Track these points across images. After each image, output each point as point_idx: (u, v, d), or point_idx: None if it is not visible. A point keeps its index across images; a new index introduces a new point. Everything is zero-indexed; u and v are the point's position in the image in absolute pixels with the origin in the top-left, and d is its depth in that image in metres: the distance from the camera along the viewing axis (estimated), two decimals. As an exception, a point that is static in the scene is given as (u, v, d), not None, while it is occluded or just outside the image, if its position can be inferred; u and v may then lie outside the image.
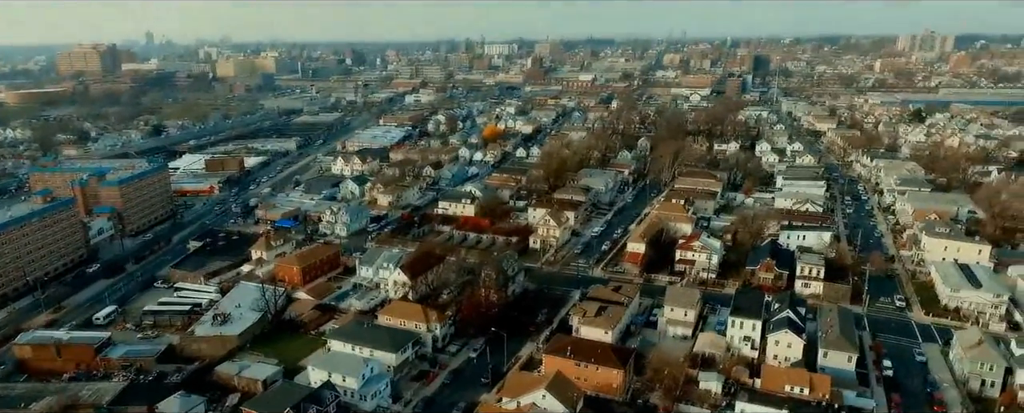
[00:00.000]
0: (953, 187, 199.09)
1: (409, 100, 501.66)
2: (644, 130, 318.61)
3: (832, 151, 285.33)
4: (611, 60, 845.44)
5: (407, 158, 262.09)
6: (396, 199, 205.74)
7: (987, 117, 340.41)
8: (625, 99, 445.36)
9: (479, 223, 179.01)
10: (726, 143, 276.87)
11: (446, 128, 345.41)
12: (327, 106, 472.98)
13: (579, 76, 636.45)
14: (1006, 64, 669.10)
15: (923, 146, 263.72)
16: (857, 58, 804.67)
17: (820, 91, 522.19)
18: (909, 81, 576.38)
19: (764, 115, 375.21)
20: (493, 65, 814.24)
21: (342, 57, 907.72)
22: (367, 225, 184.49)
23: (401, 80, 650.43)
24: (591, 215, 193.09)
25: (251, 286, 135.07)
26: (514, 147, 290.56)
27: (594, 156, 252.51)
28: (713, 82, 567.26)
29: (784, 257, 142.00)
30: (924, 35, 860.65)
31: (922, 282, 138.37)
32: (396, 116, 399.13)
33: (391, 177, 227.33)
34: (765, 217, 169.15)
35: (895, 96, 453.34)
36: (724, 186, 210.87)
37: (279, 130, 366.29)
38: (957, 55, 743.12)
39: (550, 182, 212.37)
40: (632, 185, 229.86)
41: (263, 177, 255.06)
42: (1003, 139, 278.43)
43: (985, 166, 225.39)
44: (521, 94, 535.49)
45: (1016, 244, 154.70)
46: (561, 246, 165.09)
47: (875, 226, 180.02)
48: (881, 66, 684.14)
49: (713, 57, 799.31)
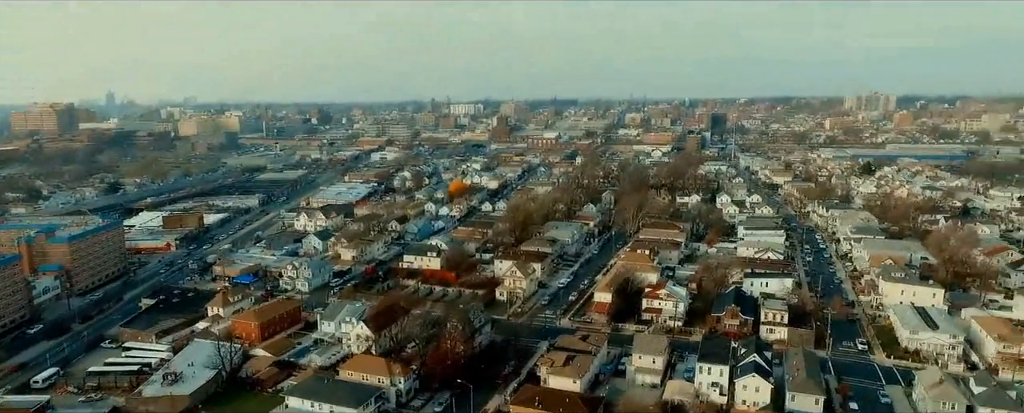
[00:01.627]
0: (904, 234, 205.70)
1: (375, 157, 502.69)
2: (608, 184, 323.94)
3: (789, 202, 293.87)
4: (575, 119, 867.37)
5: (372, 213, 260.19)
6: (360, 253, 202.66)
7: (931, 170, 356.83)
8: (589, 155, 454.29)
9: (445, 276, 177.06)
10: (688, 196, 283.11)
11: (412, 184, 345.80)
12: (291, 164, 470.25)
13: (544, 134, 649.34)
14: (944, 122, 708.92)
15: (874, 197, 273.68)
16: (808, 117, 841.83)
17: (775, 147, 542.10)
18: (857, 137, 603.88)
19: (723, 169, 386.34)
20: (459, 124, 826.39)
21: (308, 116, 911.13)
22: (330, 280, 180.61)
23: (367, 138, 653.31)
24: (557, 266, 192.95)
25: (206, 343, 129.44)
26: (480, 202, 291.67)
27: (560, 209, 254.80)
28: (673, 139, 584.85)
29: (748, 303, 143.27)
30: (869, 95, 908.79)
31: (882, 325, 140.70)
32: (361, 173, 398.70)
33: (355, 232, 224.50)
34: (728, 265, 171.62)
35: (845, 151, 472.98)
36: (687, 236, 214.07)
37: (241, 187, 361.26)
38: (900, 114, 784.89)
39: (516, 235, 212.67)
40: (598, 237, 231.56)
41: (223, 234, 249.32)
42: (947, 190, 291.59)
43: (933, 214, 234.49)
44: (487, 151, 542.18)
45: (967, 287, 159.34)
46: (528, 297, 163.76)
47: (834, 273, 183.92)
48: (831, 124, 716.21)
49: (673, 116, 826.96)
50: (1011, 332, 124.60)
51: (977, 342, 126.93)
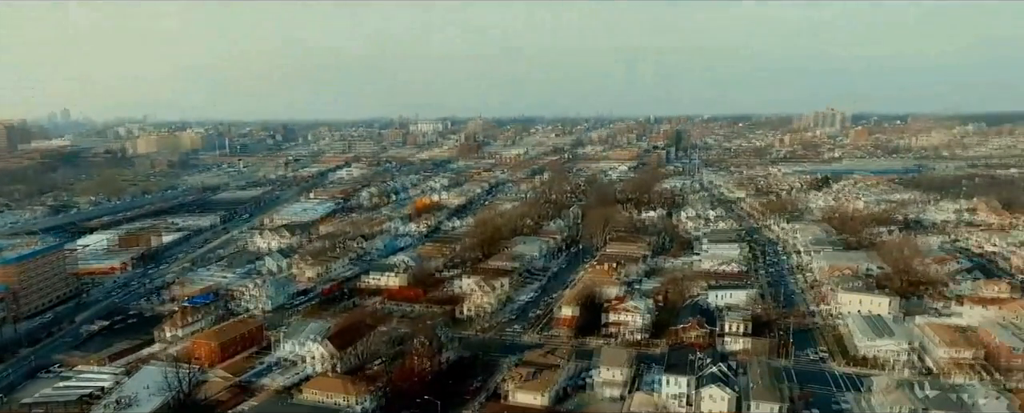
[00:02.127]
0: (859, 246, 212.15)
1: (340, 175, 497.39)
2: (574, 199, 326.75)
3: (749, 216, 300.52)
4: (541, 136, 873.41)
5: (336, 231, 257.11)
6: (323, 271, 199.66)
7: (883, 183, 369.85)
8: (555, 171, 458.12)
9: (410, 293, 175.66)
10: (652, 210, 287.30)
11: (377, 201, 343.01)
12: (254, 181, 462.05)
13: (510, 150, 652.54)
14: (895, 138, 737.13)
15: (830, 210, 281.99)
16: (767, 133, 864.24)
17: (736, 162, 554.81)
18: (814, 152, 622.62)
19: (685, 184, 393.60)
20: (425, 141, 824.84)
21: (272, 134, 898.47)
22: (292, 299, 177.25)
23: (332, 156, 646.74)
24: (524, 281, 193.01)
25: (160, 366, 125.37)
26: (446, 218, 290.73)
27: (526, 225, 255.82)
28: (637, 155, 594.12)
29: (710, 315, 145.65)
30: (825, 112, 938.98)
31: (838, 334, 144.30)
32: (326, 190, 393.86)
33: (318, 250, 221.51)
34: (691, 278, 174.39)
35: (803, 166, 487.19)
36: (651, 250, 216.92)
37: (201, 206, 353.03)
38: (855, 130, 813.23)
39: (482, 250, 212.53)
40: (564, 251, 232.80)
41: (181, 253, 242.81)
42: (898, 202, 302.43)
43: (885, 226, 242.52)
44: (453, 168, 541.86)
45: (918, 295, 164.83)
46: (494, 313, 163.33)
47: (792, 284, 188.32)
48: (789, 140, 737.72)
49: (637, 132, 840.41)
50: (959, 338, 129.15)
51: (927, 348, 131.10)
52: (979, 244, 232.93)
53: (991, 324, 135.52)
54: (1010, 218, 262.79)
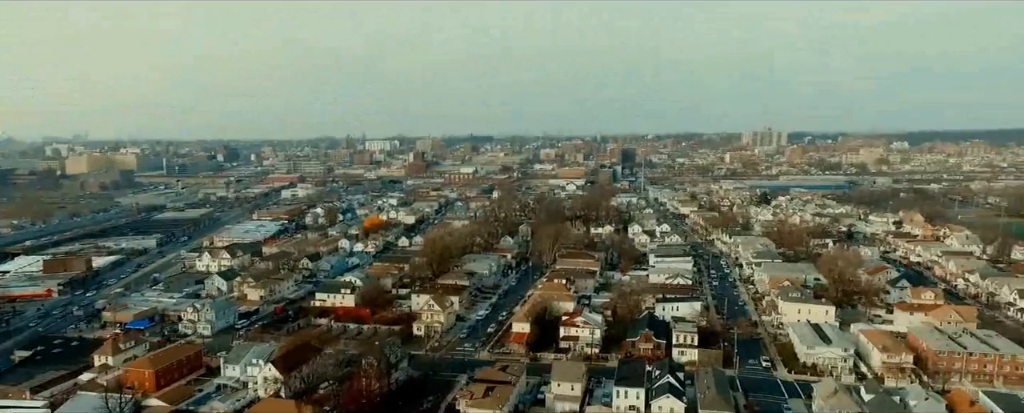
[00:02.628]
0: (799, 258, 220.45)
1: (286, 194, 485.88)
2: (525, 217, 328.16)
3: (695, 231, 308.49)
4: (491, 155, 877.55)
5: (282, 251, 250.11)
6: (269, 293, 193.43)
7: (819, 198, 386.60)
8: (506, 189, 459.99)
9: (360, 313, 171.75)
10: (601, 226, 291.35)
11: (325, 221, 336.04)
12: (194, 202, 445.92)
13: (461, 169, 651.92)
14: (829, 156, 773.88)
15: (771, 224, 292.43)
16: (710, 151, 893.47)
17: (681, 179, 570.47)
18: (755, 170, 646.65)
19: (634, 201, 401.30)
20: (375, 160, 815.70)
21: (214, 153, 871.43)
22: (235, 321, 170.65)
23: (278, 175, 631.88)
24: (476, 299, 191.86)
25: (91, 396, 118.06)
26: (397, 237, 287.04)
27: (477, 242, 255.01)
28: (587, 173, 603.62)
29: (661, 327, 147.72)
30: (763, 131, 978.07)
31: (783, 343, 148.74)
32: (271, 211, 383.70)
33: (264, 271, 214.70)
34: (641, 292, 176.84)
35: (744, 182, 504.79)
36: (602, 265, 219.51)
37: (137, 227, 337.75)
38: (791, 148, 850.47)
39: (434, 268, 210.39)
40: (516, 268, 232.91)
41: (115, 277, 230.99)
42: (834, 216, 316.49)
43: (822, 239, 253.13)
44: (404, 187, 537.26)
45: (854, 304, 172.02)
46: (446, 331, 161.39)
47: (738, 295, 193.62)
48: (730, 158, 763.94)
49: (586, 151, 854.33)
50: (893, 343, 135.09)
51: (865, 354, 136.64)
52: (907, 255, 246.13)
53: (920, 329, 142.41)
54: (934, 230, 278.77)
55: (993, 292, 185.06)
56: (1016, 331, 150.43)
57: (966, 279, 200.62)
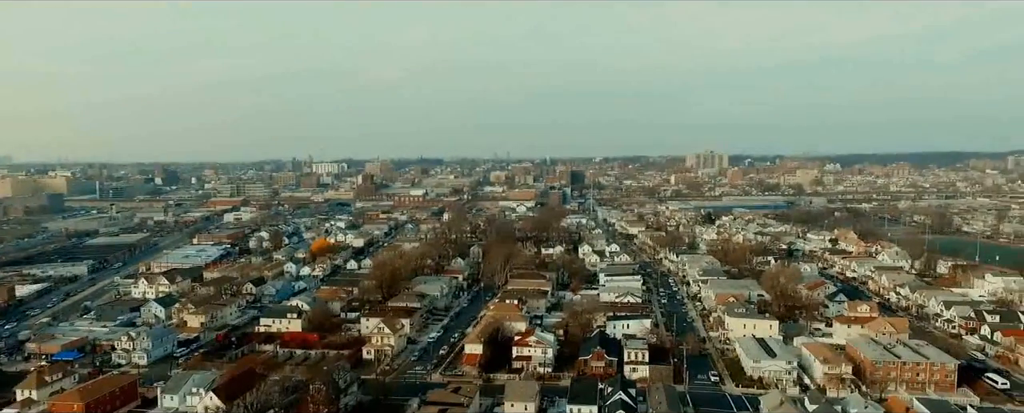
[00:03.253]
0: (743, 275, 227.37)
1: (229, 218, 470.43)
2: (476, 239, 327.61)
3: (644, 250, 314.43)
4: (441, 177, 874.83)
5: (225, 276, 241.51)
6: (210, 319, 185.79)
7: (760, 218, 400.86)
8: (456, 211, 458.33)
9: (307, 338, 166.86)
10: (552, 247, 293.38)
11: (270, 244, 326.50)
12: (130, 227, 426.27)
13: (411, 192, 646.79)
14: (767, 177, 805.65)
15: (716, 242, 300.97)
16: (656, 173, 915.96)
17: (629, 201, 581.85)
18: (699, 191, 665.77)
19: (584, 222, 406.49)
20: (322, 183, 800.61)
21: (151, 176, 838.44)
22: (174, 350, 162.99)
23: (220, 199, 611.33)
24: (427, 321, 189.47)
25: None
26: (345, 260, 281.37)
27: (428, 264, 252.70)
28: (536, 195, 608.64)
29: (612, 345, 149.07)
30: (706, 154, 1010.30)
31: (730, 357, 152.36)
32: (213, 235, 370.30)
33: (205, 296, 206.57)
34: (592, 310, 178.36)
35: (689, 203, 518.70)
36: (553, 285, 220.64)
37: (66, 254, 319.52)
38: (732, 170, 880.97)
39: (384, 291, 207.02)
40: (467, 290, 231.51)
41: (41, 306, 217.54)
42: (774, 235, 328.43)
43: (764, 256, 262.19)
44: (352, 210, 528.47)
45: (796, 318, 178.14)
46: (397, 354, 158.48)
47: (686, 312, 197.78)
48: (675, 179, 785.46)
49: (535, 174, 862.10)
50: (833, 355, 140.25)
51: (807, 366, 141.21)
52: (843, 270, 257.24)
53: (858, 341, 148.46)
54: (866, 247, 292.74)
55: (922, 304, 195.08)
56: (944, 341, 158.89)
57: (897, 292, 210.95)
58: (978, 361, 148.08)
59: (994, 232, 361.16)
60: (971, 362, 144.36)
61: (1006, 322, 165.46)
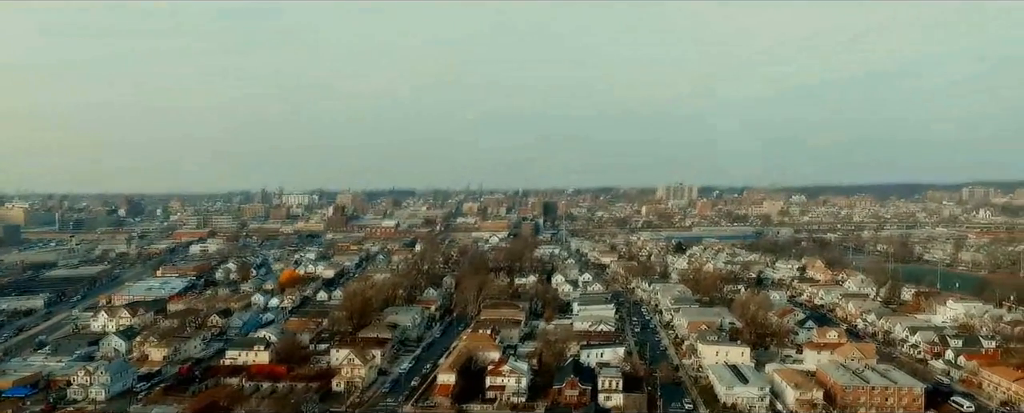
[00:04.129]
0: (714, 303, 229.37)
1: (194, 250, 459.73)
2: (448, 269, 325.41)
3: (616, 280, 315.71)
4: (414, 208, 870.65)
5: (190, 308, 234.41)
6: (173, 352, 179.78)
7: (730, 247, 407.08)
8: (429, 242, 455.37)
9: (275, 370, 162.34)
10: (525, 277, 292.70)
11: (238, 276, 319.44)
12: (91, 259, 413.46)
13: (383, 223, 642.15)
14: (736, 208, 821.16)
15: (687, 271, 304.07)
16: (627, 205, 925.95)
17: (601, 231, 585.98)
18: (669, 222, 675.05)
19: (556, 252, 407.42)
20: (292, 214, 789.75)
21: (114, 207, 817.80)
22: (134, 384, 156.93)
23: (186, 230, 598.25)
24: (399, 352, 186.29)
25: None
26: (315, 291, 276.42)
27: (400, 294, 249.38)
28: (509, 226, 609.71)
29: (586, 374, 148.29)
30: (675, 186, 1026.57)
31: (703, 384, 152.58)
32: (178, 267, 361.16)
33: (168, 329, 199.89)
34: (565, 339, 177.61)
35: (660, 233, 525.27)
36: (526, 315, 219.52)
37: (21, 286, 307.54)
38: (702, 201, 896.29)
39: (354, 322, 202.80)
40: (440, 320, 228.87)
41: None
42: (744, 263, 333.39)
43: (735, 285, 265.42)
44: (323, 241, 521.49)
45: (767, 345, 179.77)
46: (368, 386, 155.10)
47: (659, 340, 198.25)
48: (646, 210, 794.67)
49: (508, 205, 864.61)
50: (804, 381, 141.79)
51: (779, 392, 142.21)
52: (811, 298, 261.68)
53: (827, 367, 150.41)
54: (833, 275, 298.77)
55: (888, 330, 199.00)
56: (910, 365, 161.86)
57: (864, 319, 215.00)
58: (944, 385, 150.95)
59: (953, 260, 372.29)
60: (937, 386, 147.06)
61: (969, 347, 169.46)
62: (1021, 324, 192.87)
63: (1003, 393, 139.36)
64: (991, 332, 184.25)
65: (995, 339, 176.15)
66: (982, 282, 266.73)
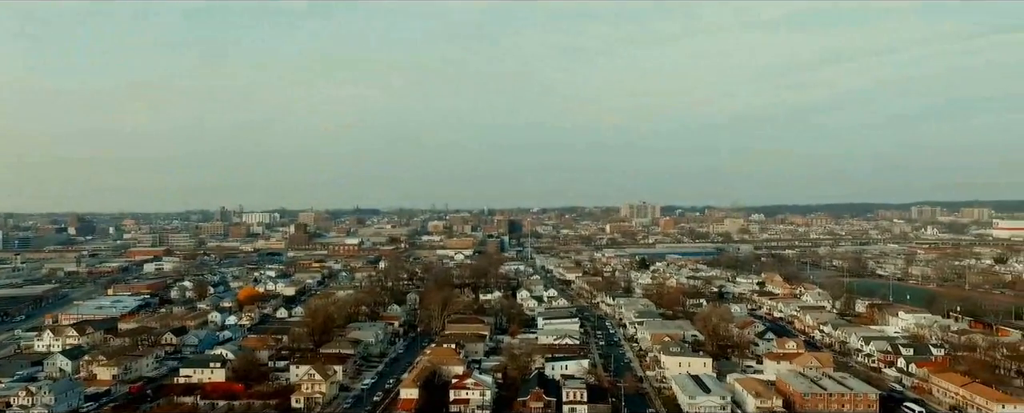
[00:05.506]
0: (677, 316, 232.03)
1: (149, 268, 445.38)
2: (413, 286, 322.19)
3: (581, 295, 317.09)
4: (378, 227, 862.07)
5: (143, 326, 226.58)
6: (124, 371, 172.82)
7: (692, 263, 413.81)
8: (393, 259, 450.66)
9: (231, 388, 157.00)
10: (490, 293, 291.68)
11: (194, 294, 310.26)
12: (36, 278, 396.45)
13: (346, 241, 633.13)
14: (698, 226, 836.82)
15: (650, 287, 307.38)
16: (592, 223, 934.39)
17: (566, 249, 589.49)
18: (633, 239, 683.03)
19: (522, 268, 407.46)
20: (252, 233, 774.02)
21: (63, 226, 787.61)
22: (80, 404, 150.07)
23: (140, 249, 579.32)
24: (362, 368, 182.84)
25: None
26: (275, 309, 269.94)
27: (362, 311, 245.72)
28: (475, 243, 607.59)
29: (551, 386, 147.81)
30: (639, 205, 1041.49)
31: (666, 395, 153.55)
32: (131, 285, 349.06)
33: (119, 348, 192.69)
34: (530, 352, 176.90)
35: (624, 250, 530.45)
36: (492, 330, 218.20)
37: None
38: (665, 220, 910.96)
39: (316, 338, 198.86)
40: (404, 336, 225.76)
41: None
42: (705, 279, 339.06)
43: (697, 299, 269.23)
44: (284, 259, 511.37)
45: (729, 356, 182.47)
46: (329, 402, 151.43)
47: (623, 353, 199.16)
48: (610, 229, 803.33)
49: (473, 223, 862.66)
50: (764, 389, 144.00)
51: (741, 401, 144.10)
52: (771, 310, 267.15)
53: (787, 376, 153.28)
54: (791, 289, 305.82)
55: (843, 340, 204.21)
56: (865, 373, 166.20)
57: (821, 330, 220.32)
58: (896, 392, 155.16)
59: (904, 274, 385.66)
60: (891, 393, 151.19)
61: (919, 355, 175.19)
62: (967, 333, 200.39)
63: (952, 398, 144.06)
64: (940, 341, 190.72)
65: (944, 348, 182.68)
66: (931, 295, 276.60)
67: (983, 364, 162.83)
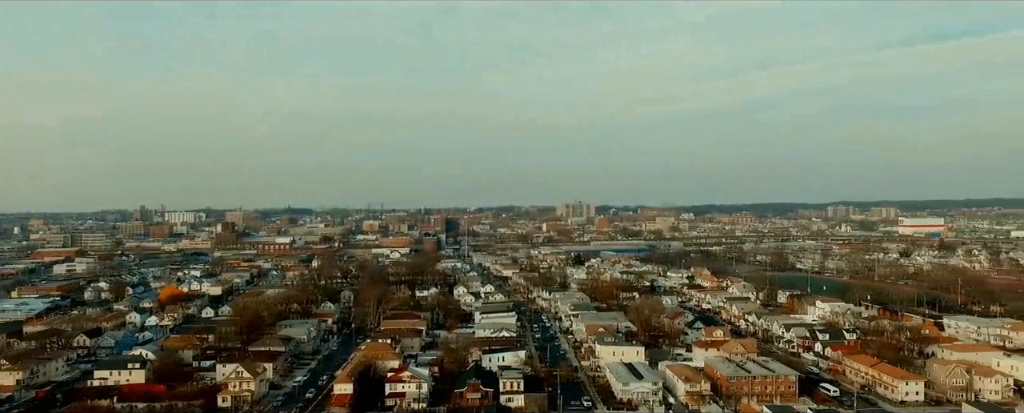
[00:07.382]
0: (611, 308, 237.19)
1: (59, 270, 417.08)
2: (347, 283, 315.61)
3: (518, 291, 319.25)
4: (311, 226, 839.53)
5: (52, 329, 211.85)
6: (29, 376, 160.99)
7: (625, 260, 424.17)
8: (326, 258, 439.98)
9: (152, 389, 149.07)
10: (427, 289, 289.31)
11: (110, 295, 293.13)
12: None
13: (276, 240, 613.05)
14: (631, 225, 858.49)
15: (586, 281, 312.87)
16: (528, 222, 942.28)
17: (503, 247, 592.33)
18: (569, 237, 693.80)
19: (459, 266, 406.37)
20: (175, 233, 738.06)
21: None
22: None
23: (49, 250, 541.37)
24: (293, 366, 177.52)
25: None
26: (200, 308, 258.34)
27: (294, 309, 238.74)
28: (411, 242, 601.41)
29: (488, 377, 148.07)
30: (575, 204, 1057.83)
31: (601, 383, 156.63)
32: (38, 287, 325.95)
33: (24, 351, 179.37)
34: (468, 346, 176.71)
35: (560, 248, 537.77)
36: (428, 324, 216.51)
37: None
38: (599, 218, 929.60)
39: (244, 337, 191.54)
40: (338, 333, 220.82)
41: None
42: (638, 273, 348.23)
43: (630, 292, 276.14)
44: (210, 259, 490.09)
45: (660, 345, 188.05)
46: (258, 400, 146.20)
47: (559, 344, 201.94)
48: (547, 227, 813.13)
49: (410, 222, 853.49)
50: (693, 375, 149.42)
51: (671, 386, 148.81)
52: (699, 302, 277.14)
53: (714, 361, 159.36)
54: (718, 282, 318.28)
55: (767, 328, 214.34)
56: (785, 357, 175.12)
57: (746, 319, 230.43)
58: (814, 373, 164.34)
59: (821, 268, 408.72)
60: (809, 374, 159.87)
61: (834, 340, 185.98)
62: (876, 320, 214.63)
63: (862, 378, 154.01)
64: (852, 327, 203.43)
65: (855, 333, 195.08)
66: (844, 286, 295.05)
67: (889, 346, 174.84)
